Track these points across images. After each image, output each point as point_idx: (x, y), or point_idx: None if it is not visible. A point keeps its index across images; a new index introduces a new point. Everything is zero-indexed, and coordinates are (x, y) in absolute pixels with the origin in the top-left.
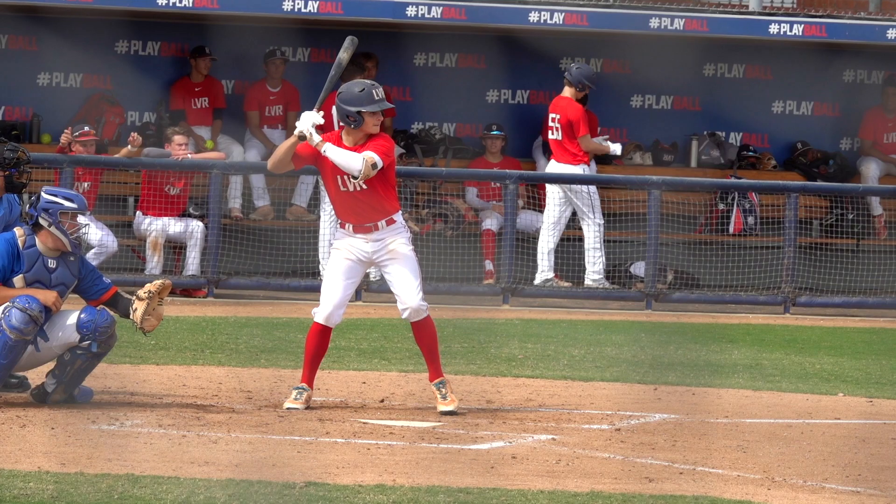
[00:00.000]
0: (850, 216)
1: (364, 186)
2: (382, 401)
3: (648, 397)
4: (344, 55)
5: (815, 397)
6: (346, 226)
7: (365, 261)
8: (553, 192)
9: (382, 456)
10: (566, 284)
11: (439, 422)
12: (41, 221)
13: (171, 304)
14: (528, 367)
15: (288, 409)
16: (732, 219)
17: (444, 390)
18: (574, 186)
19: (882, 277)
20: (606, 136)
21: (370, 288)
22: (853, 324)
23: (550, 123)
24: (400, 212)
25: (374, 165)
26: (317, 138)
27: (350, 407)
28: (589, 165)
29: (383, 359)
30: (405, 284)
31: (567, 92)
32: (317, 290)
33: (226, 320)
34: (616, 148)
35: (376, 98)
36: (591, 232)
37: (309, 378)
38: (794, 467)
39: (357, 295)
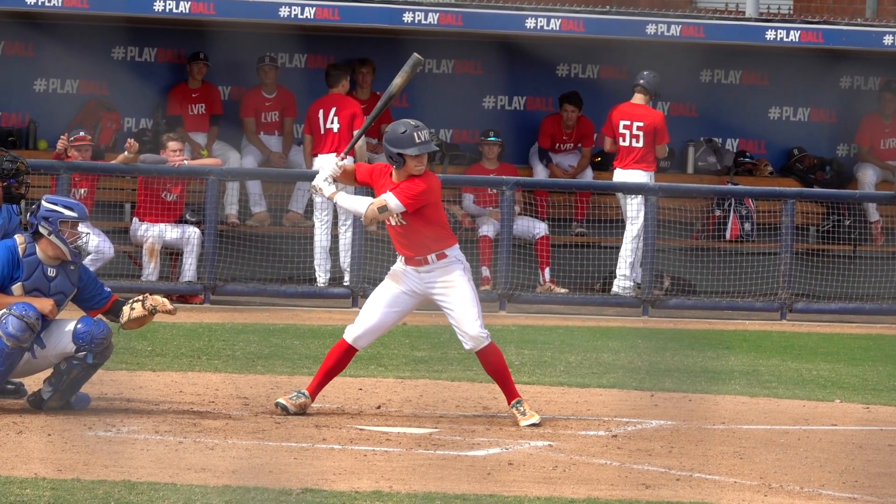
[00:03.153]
0: (847, 222)
1: (403, 221)
2: (379, 407)
3: (645, 403)
4: (398, 80)
5: (811, 404)
6: (399, 256)
7: (419, 293)
8: (624, 203)
9: (379, 462)
10: (562, 290)
11: (436, 428)
12: (41, 230)
13: None
14: (525, 374)
15: (277, 404)
16: (729, 225)
17: (522, 408)
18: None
19: (879, 284)
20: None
21: (366, 294)
22: (850, 330)
23: (622, 130)
24: (455, 246)
25: (382, 209)
26: (328, 191)
27: (347, 413)
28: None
29: (380, 365)
30: (461, 314)
31: (640, 99)
32: (313, 296)
33: (222, 327)
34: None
35: (418, 140)
36: (629, 241)
37: (315, 389)
38: (791, 473)
39: (354, 301)
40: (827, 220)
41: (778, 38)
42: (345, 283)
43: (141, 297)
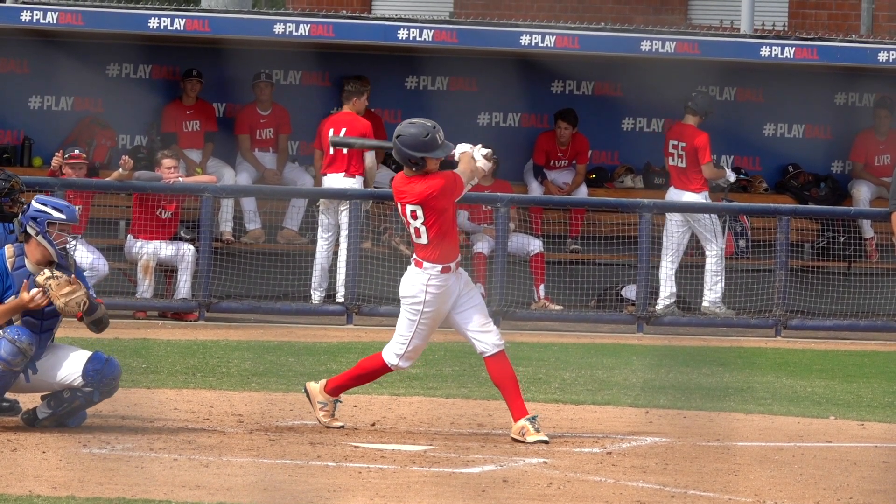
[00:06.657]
0: (842, 239)
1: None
2: (373, 424)
3: (640, 420)
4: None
5: (806, 420)
6: (452, 264)
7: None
8: (672, 219)
9: (374, 479)
10: (557, 307)
11: (430, 445)
12: (29, 230)
13: (162, 328)
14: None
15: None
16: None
17: (536, 424)
18: (696, 214)
19: (873, 300)
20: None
21: (361, 311)
22: (845, 347)
23: (671, 150)
24: (419, 266)
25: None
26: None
27: (341, 431)
28: (709, 193)
29: (374, 382)
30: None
31: (690, 120)
32: (308, 313)
33: (217, 344)
34: (731, 175)
35: (440, 142)
36: (713, 256)
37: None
38: (786, 491)
39: (348, 318)
40: (822, 237)
41: (772, 55)
42: (338, 301)
43: (49, 278)
